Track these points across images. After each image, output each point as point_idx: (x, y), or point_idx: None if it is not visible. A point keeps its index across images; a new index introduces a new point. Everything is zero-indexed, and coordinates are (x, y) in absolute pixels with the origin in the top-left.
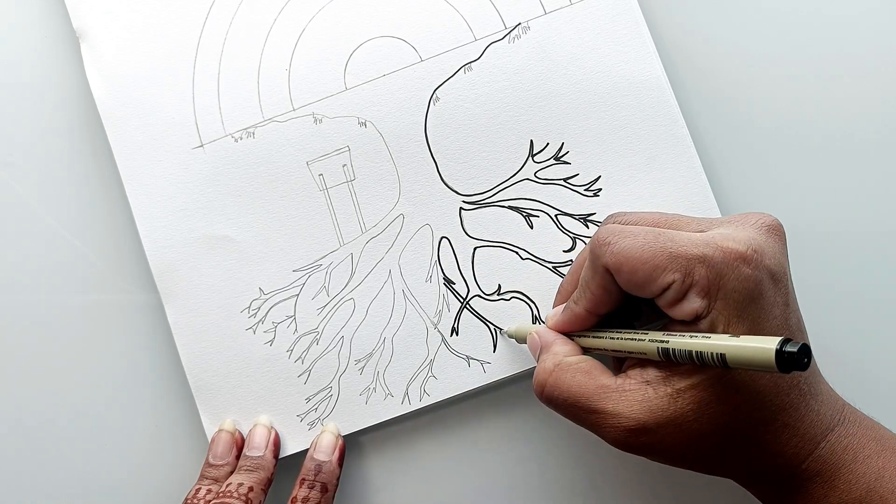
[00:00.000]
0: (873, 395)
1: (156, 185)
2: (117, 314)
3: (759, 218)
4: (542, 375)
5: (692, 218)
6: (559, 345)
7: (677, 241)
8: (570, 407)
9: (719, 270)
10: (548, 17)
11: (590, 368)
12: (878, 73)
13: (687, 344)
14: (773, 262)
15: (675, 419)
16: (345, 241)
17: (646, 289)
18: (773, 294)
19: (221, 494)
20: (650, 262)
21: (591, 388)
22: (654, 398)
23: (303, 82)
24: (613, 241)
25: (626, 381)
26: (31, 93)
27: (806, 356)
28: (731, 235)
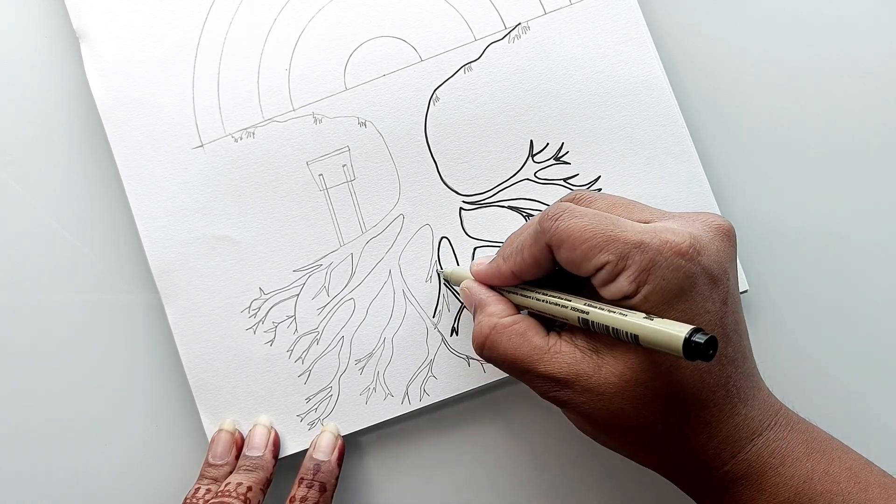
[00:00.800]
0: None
1: (156, 184)
2: (117, 314)
3: (711, 218)
4: (479, 338)
5: (647, 207)
6: (494, 304)
7: (619, 226)
8: (505, 366)
9: (652, 258)
10: (548, 17)
11: (524, 330)
12: (879, 73)
13: (605, 318)
14: (712, 260)
15: (598, 388)
16: (345, 241)
17: (581, 267)
18: (709, 291)
19: (220, 494)
20: (588, 242)
21: (525, 351)
22: (581, 363)
23: (303, 82)
24: (561, 217)
25: (557, 343)
26: (31, 93)
27: (711, 348)
28: (673, 229)
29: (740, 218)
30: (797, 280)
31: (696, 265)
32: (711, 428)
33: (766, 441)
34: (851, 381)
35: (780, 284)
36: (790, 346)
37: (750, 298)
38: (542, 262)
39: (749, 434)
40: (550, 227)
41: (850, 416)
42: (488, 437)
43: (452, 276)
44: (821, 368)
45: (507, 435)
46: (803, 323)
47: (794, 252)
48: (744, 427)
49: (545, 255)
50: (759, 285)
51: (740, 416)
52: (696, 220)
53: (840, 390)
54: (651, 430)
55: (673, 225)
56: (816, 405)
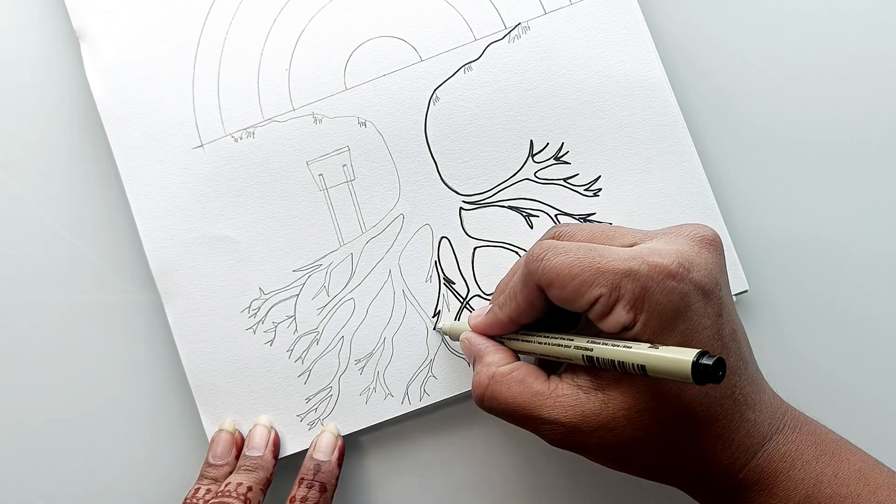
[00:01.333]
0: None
1: (156, 184)
2: (117, 314)
3: (694, 230)
4: (479, 389)
5: (628, 230)
6: (491, 353)
7: (606, 257)
8: (508, 416)
9: (644, 284)
10: (548, 17)
11: (523, 377)
12: (879, 73)
13: (610, 352)
14: (702, 275)
15: (607, 424)
16: (345, 241)
17: (575, 303)
18: (703, 306)
19: (220, 494)
20: (578, 278)
21: (527, 398)
22: (586, 403)
23: (303, 82)
24: (546, 257)
25: (559, 386)
26: (31, 93)
27: (720, 370)
28: (658, 250)
29: (740, 217)
30: (797, 280)
31: (687, 284)
32: (723, 439)
33: (776, 445)
34: (852, 380)
35: (780, 284)
36: (790, 347)
37: (749, 299)
38: (537, 304)
39: (760, 439)
40: (538, 268)
41: (852, 416)
42: (488, 438)
43: (452, 331)
44: (820, 368)
45: (507, 435)
46: (803, 323)
47: (795, 252)
48: (754, 433)
49: (537, 296)
50: (759, 285)
51: (750, 423)
52: (681, 235)
53: (840, 390)
54: (666, 453)
55: (658, 245)
56: (818, 405)
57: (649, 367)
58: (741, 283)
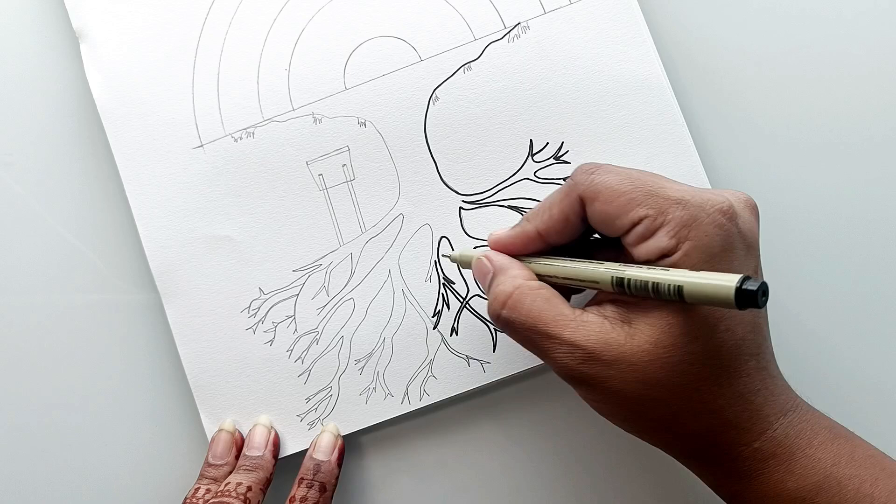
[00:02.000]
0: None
1: (156, 185)
2: (117, 314)
3: (738, 193)
4: (501, 297)
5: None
6: (516, 268)
7: (658, 184)
8: (527, 330)
9: (695, 214)
10: (547, 17)
11: (550, 296)
12: (880, 73)
13: (644, 275)
14: (746, 228)
15: (630, 357)
16: (344, 241)
17: (617, 222)
18: (744, 256)
19: (220, 494)
20: (626, 195)
21: (551, 315)
22: (611, 331)
23: (302, 82)
24: (598, 172)
25: (584, 314)
26: (31, 93)
27: (764, 294)
28: (712, 192)
29: None
30: (800, 276)
31: (736, 227)
32: (743, 400)
33: (791, 421)
34: (852, 380)
35: (782, 282)
36: (789, 347)
37: None
38: (572, 219)
39: (777, 411)
40: (586, 179)
41: (852, 415)
42: (488, 438)
43: (463, 257)
44: (820, 368)
45: (507, 435)
46: (806, 317)
47: (795, 250)
48: (772, 403)
49: (576, 210)
50: None
51: (768, 391)
52: (728, 192)
53: (840, 389)
54: (683, 401)
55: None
56: (818, 405)
57: (688, 288)
58: None
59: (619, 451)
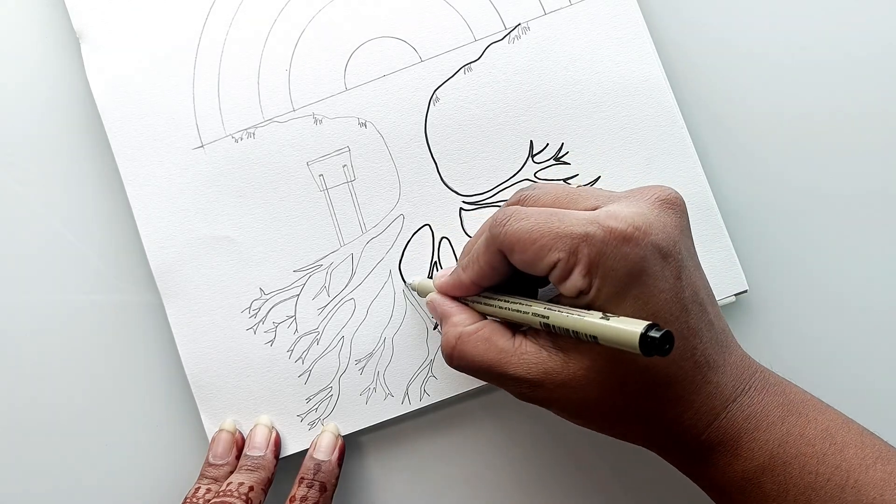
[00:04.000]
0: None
1: (156, 185)
2: (117, 314)
3: (655, 192)
4: (448, 349)
5: (592, 192)
6: (457, 314)
7: (565, 221)
8: (476, 373)
9: (600, 249)
10: (548, 18)
11: (489, 335)
12: (881, 74)
13: (564, 321)
14: (660, 237)
15: (569, 382)
16: (345, 242)
17: (535, 267)
18: (661, 269)
19: (222, 493)
20: (538, 243)
21: (492, 355)
22: (548, 361)
23: (303, 83)
24: (508, 222)
25: (522, 343)
26: (31, 93)
27: (668, 343)
28: (616, 213)
29: (740, 217)
30: (797, 280)
31: (642, 248)
32: (684, 401)
33: (740, 406)
34: (852, 379)
35: (780, 284)
36: (789, 346)
37: (749, 297)
38: (499, 268)
39: (723, 401)
40: (500, 233)
41: (852, 414)
42: (488, 438)
43: (420, 287)
44: (820, 368)
45: (507, 435)
46: (803, 323)
47: (794, 252)
48: (717, 395)
49: (499, 260)
50: (759, 285)
51: (712, 385)
52: (642, 198)
53: (840, 389)
54: (627, 413)
55: (616, 208)
56: None
57: (600, 337)
58: (741, 283)
59: (619, 449)
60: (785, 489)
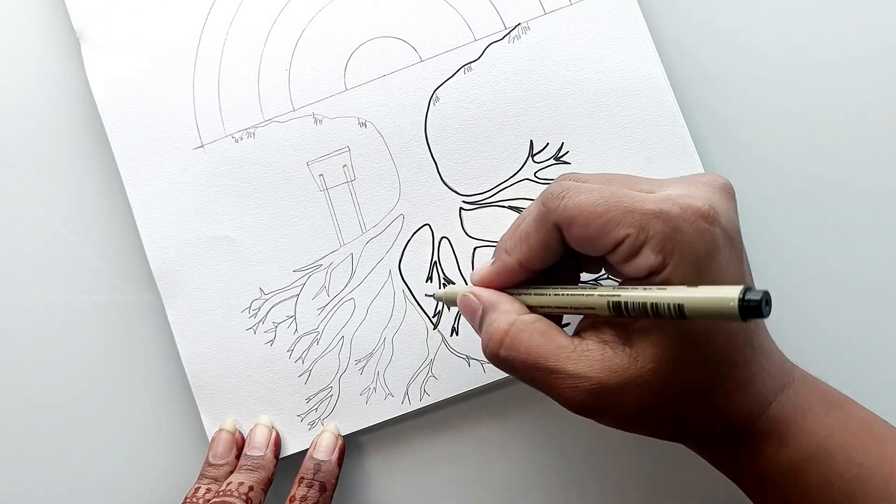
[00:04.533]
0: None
1: (156, 185)
2: (117, 314)
3: (712, 179)
4: (498, 335)
5: (643, 178)
6: (506, 303)
7: (633, 197)
8: (528, 368)
9: (676, 225)
10: (548, 18)
11: (546, 328)
12: (882, 72)
13: (641, 296)
14: (727, 221)
15: (636, 379)
16: (345, 242)
17: (598, 244)
18: (729, 253)
19: (222, 493)
20: (604, 216)
21: (551, 349)
22: (614, 358)
23: (303, 83)
24: (568, 195)
25: (583, 342)
26: (31, 93)
27: (767, 303)
28: (688, 193)
29: (740, 216)
30: (798, 276)
31: (717, 227)
32: (743, 388)
33: (788, 396)
34: (853, 379)
35: (780, 282)
36: (790, 345)
37: None
38: (552, 246)
39: (774, 389)
40: (557, 205)
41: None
42: (488, 438)
43: (447, 295)
44: (821, 367)
45: (507, 435)
46: (803, 321)
47: (795, 250)
48: (770, 382)
49: (553, 237)
50: (760, 284)
51: (766, 372)
52: (701, 183)
53: (841, 389)
54: (688, 404)
55: (684, 189)
56: None
57: (688, 306)
58: None
59: (619, 449)
60: (829, 480)
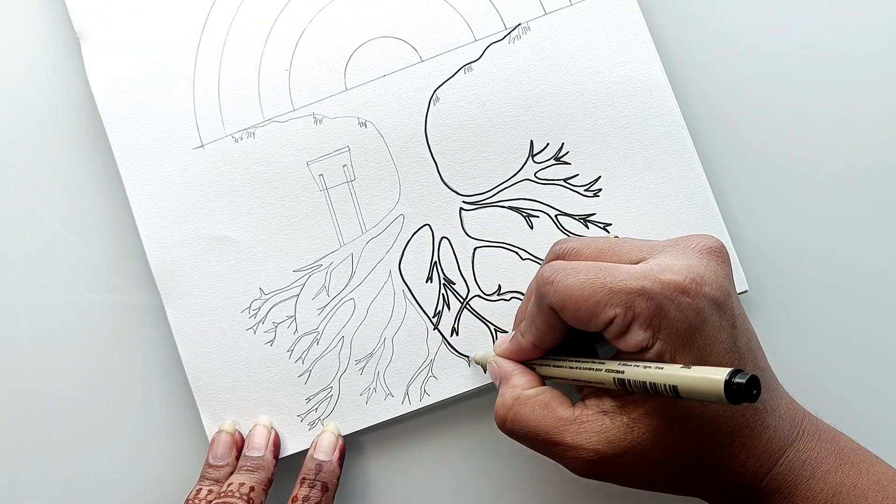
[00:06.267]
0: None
1: (156, 185)
2: (117, 314)
3: (701, 241)
4: (502, 410)
5: (634, 243)
6: (518, 376)
7: (617, 276)
8: (531, 440)
9: (658, 303)
10: (548, 18)
11: (548, 401)
12: (882, 72)
13: (641, 374)
14: (713, 288)
15: (633, 448)
16: (345, 242)
17: (590, 324)
18: (718, 320)
19: (223, 494)
20: (592, 299)
21: (551, 422)
22: (611, 428)
23: (303, 82)
24: (556, 279)
25: (583, 412)
26: (31, 93)
27: (755, 388)
28: (669, 265)
29: (740, 218)
30: (797, 280)
31: (700, 299)
32: (747, 449)
33: (796, 452)
34: (853, 379)
35: (780, 284)
36: (790, 347)
37: (750, 298)
38: (556, 326)
39: (781, 446)
40: (549, 291)
41: (853, 415)
42: (488, 438)
43: (482, 360)
44: (821, 368)
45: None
46: (804, 323)
47: (795, 251)
48: (776, 439)
49: (555, 319)
50: (759, 285)
51: (771, 430)
52: (688, 248)
53: (841, 389)
54: (691, 469)
55: (668, 260)
56: (818, 405)
57: (682, 388)
58: (741, 283)
59: None
60: None
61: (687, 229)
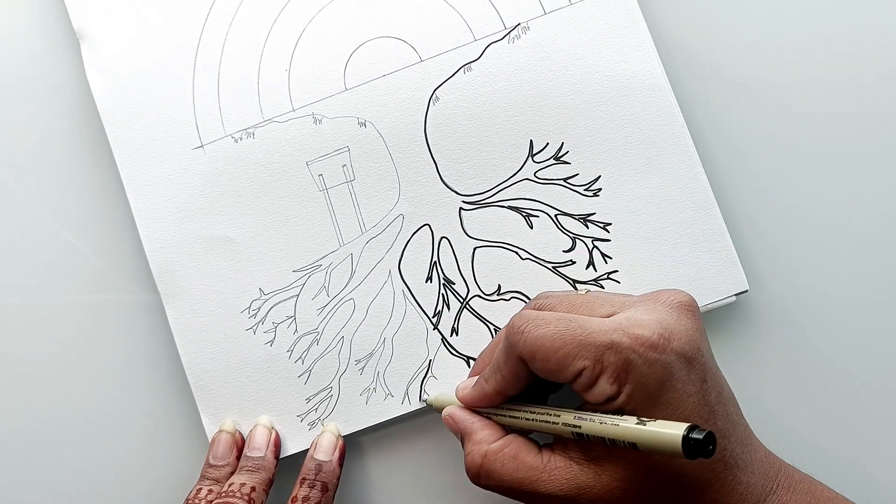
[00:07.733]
0: None
1: (156, 185)
2: (117, 314)
3: (671, 296)
4: (473, 469)
5: (606, 298)
6: (479, 430)
7: (587, 329)
8: (506, 491)
9: (627, 357)
10: (547, 18)
11: (516, 452)
12: (883, 73)
13: (598, 430)
14: (683, 342)
15: (603, 495)
16: (345, 242)
17: (559, 375)
18: (687, 374)
19: (224, 494)
20: (561, 351)
21: (522, 473)
22: (580, 475)
23: (303, 82)
24: (527, 329)
25: (552, 459)
26: (31, 93)
27: (710, 443)
28: (639, 320)
29: (740, 217)
30: (797, 280)
31: (669, 354)
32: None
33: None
34: (853, 380)
35: (780, 284)
36: (790, 347)
37: (750, 298)
38: (522, 375)
39: (754, 502)
40: (519, 340)
41: (852, 416)
42: None
43: (437, 402)
44: (821, 368)
45: None
46: (804, 323)
47: (795, 251)
48: (748, 495)
49: (522, 368)
50: (759, 285)
51: (742, 485)
52: (658, 303)
53: (841, 390)
54: None
55: (638, 315)
56: (818, 405)
57: (640, 443)
58: (741, 283)
59: None
60: None
61: (687, 229)
